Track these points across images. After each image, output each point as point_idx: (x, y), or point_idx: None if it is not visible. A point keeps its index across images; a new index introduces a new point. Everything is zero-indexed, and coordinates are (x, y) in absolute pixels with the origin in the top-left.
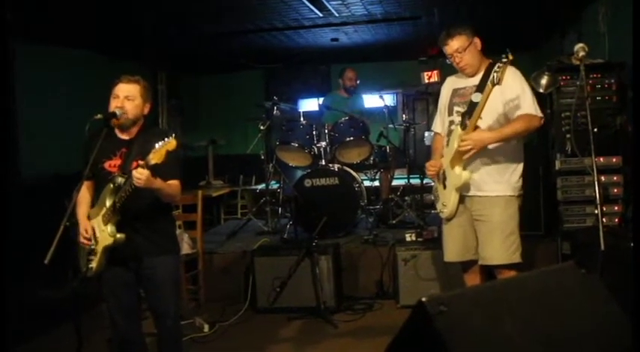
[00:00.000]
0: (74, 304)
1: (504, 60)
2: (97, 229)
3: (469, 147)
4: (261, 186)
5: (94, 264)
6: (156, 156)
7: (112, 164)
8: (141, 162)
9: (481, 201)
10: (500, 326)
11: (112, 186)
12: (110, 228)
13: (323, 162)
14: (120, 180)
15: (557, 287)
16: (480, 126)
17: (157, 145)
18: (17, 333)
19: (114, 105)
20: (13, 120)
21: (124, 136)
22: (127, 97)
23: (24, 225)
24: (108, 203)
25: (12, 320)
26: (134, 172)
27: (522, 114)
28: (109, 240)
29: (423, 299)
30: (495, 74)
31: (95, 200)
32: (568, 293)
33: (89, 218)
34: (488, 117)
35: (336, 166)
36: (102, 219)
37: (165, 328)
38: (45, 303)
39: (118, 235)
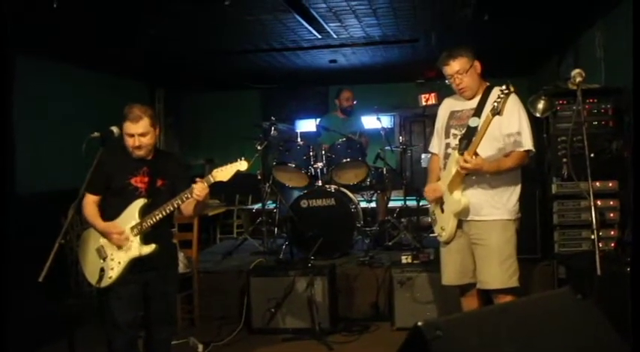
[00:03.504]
0: (68, 320)
1: (506, 91)
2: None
3: (466, 170)
4: (258, 205)
5: (113, 274)
6: (221, 175)
7: (139, 180)
8: (200, 180)
9: (479, 225)
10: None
11: (144, 201)
12: (139, 240)
13: (320, 183)
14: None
15: (553, 312)
16: (479, 154)
17: (225, 166)
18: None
19: (132, 145)
20: (11, 134)
21: (143, 156)
22: (142, 134)
23: (19, 239)
24: (138, 217)
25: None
26: (195, 188)
27: (521, 151)
28: (140, 251)
29: (419, 323)
30: (496, 104)
31: (111, 213)
32: (564, 319)
33: None
34: (485, 144)
35: (333, 187)
36: (131, 230)
37: (162, 338)
38: (40, 318)
39: (153, 245)
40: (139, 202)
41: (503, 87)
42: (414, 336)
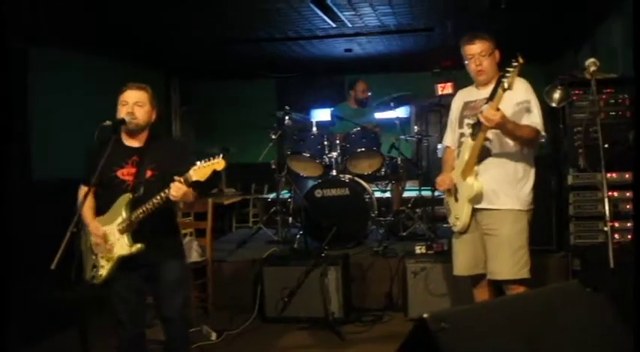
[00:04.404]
0: (80, 308)
1: (515, 64)
2: (112, 237)
3: (492, 122)
4: (273, 195)
5: (103, 272)
6: (198, 174)
7: (126, 172)
8: (178, 178)
9: (491, 215)
10: (503, 345)
11: (130, 196)
12: (127, 237)
13: (334, 173)
14: (141, 190)
15: (562, 305)
16: (490, 138)
17: (199, 163)
18: (23, 336)
19: (124, 112)
20: (27, 123)
21: (134, 144)
22: (137, 103)
23: (34, 227)
24: (125, 213)
25: (19, 322)
26: (172, 187)
27: (532, 125)
28: (127, 250)
29: (425, 315)
30: (505, 79)
31: (102, 206)
32: (573, 312)
33: None
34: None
35: (347, 177)
36: (117, 228)
37: (173, 333)
38: (52, 306)
39: (138, 245)
40: (125, 198)
41: (512, 61)
42: (419, 328)
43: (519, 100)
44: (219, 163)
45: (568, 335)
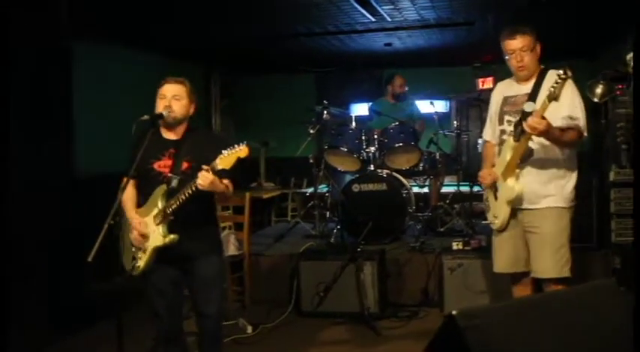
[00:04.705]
0: (118, 299)
1: (563, 76)
2: (149, 228)
3: (536, 131)
4: (311, 189)
5: (141, 263)
6: (224, 162)
7: (162, 164)
8: (205, 167)
9: (533, 213)
10: (533, 343)
11: (165, 187)
12: (162, 228)
13: (372, 168)
14: (175, 182)
15: (596, 303)
16: (533, 139)
17: (224, 151)
18: (62, 326)
19: (162, 106)
20: (71, 117)
21: (171, 136)
22: (175, 97)
23: (78, 220)
24: (160, 204)
25: (54, 314)
26: (199, 176)
27: (575, 128)
28: (161, 241)
29: (454, 312)
30: (553, 89)
31: (141, 199)
32: (607, 311)
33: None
34: None
35: (385, 172)
36: (153, 219)
37: (207, 328)
38: (91, 298)
39: (172, 236)
40: (161, 189)
41: (561, 71)
42: (448, 325)
43: (564, 115)
44: (242, 150)
45: (601, 335)
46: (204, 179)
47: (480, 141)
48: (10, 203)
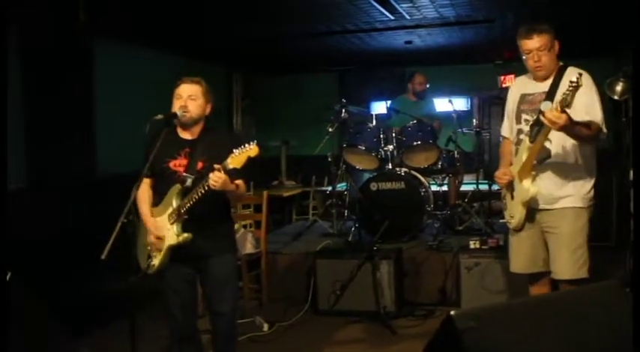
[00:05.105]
0: (132, 298)
1: (574, 84)
2: (164, 229)
3: (557, 125)
4: (330, 187)
5: (155, 262)
6: (235, 161)
7: (177, 164)
8: (217, 166)
9: (551, 213)
10: (533, 344)
11: (180, 186)
12: (176, 227)
13: (390, 166)
14: (189, 181)
15: (598, 304)
16: (550, 140)
17: (235, 151)
18: (77, 326)
19: (178, 106)
20: (92, 117)
21: (187, 136)
22: (190, 97)
23: (97, 219)
24: (175, 203)
25: (68, 313)
26: (211, 176)
27: (594, 122)
28: (175, 240)
29: (452, 313)
30: (565, 97)
31: (157, 198)
32: (609, 313)
33: (152, 216)
34: (558, 132)
35: (403, 170)
36: (168, 218)
37: (221, 326)
38: (105, 297)
39: (185, 235)
40: (175, 188)
41: (574, 78)
42: (445, 326)
43: (578, 120)
44: (253, 149)
45: (601, 337)
46: (217, 178)
47: (501, 139)
48: (19, 201)
